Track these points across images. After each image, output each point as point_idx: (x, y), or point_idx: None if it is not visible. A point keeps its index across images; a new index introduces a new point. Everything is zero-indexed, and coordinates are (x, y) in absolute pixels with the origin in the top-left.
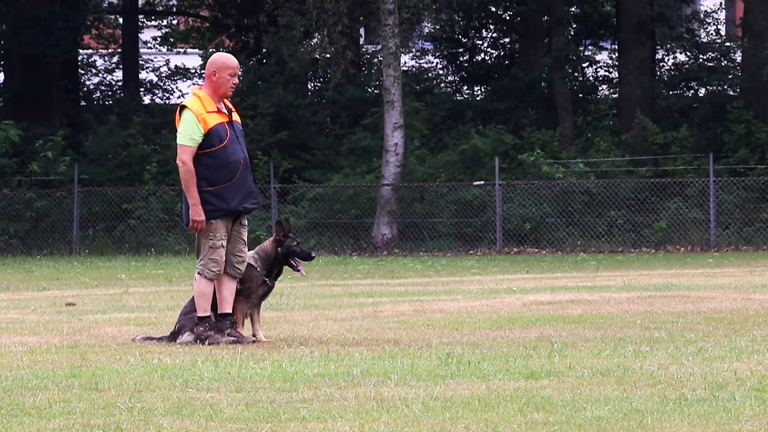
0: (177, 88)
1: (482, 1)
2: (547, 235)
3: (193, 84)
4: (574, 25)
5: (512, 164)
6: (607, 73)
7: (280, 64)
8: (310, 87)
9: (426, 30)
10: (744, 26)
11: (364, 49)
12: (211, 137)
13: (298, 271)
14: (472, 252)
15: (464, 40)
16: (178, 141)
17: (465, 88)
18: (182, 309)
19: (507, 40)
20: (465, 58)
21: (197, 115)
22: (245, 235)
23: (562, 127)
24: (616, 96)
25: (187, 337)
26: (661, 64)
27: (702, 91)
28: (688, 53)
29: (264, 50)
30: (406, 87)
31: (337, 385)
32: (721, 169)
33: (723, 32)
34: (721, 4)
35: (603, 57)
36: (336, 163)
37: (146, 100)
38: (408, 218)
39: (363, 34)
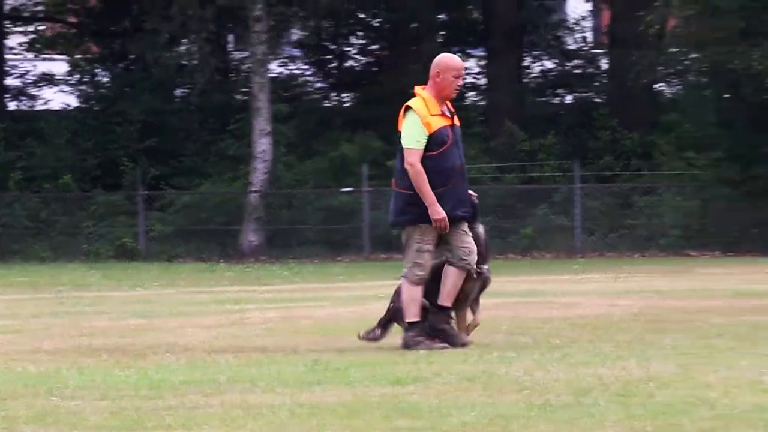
0: (43, 95)
1: (351, 8)
2: None
3: (60, 91)
4: (443, 33)
5: (381, 171)
6: (475, 80)
7: (147, 70)
8: (177, 93)
9: (294, 37)
10: (610, 34)
11: (232, 56)
12: (432, 141)
13: None
14: (339, 258)
15: (333, 47)
16: (404, 144)
17: (334, 94)
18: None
19: (376, 47)
20: (334, 65)
21: (422, 117)
22: (465, 228)
23: None
24: (484, 103)
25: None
26: (528, 71)
27: (569, 98)
28: (556, 61)
29: (131, 56)
30: (274, 94)
31: (203, 393)
32: (586, 175)
33: (590, 40)
34: (588, 12)
35: (471, 64)
36: (204, 170)
37: (12, 106)
38: (275, 225)
39: (231, 41)
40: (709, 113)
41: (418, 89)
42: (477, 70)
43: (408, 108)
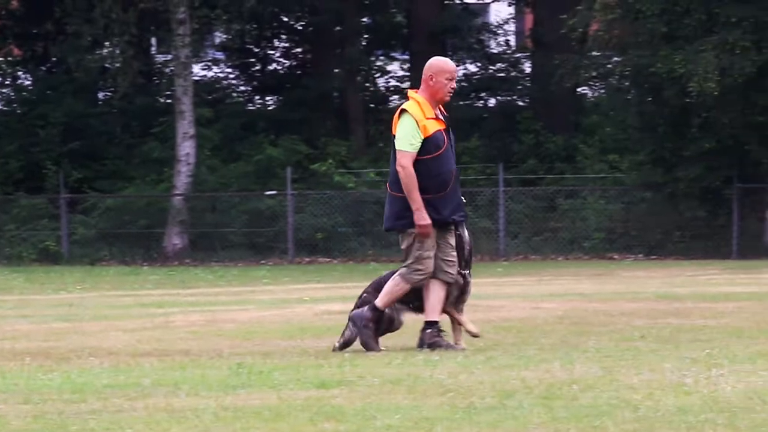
0: None
1: (274, 11)
2: (339, 245)
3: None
4: (366, 36)
5: (305, 174)
6: (399, 84)
7: (69, 73)
8: (100, 97)
9: (218, 40)
10: (533, 37)
11: (155, 59)
12: (428, 144)
13: None
14: (264, 262)
15: (256, 50)
16: (397, 146)
17: (257, 98)
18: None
19: (299, 50)
20: (257, 68)
21: (417, 120)
22: (452, 240)
23: (354, 137)
24: None
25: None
26: None
27: (492, 102)
28: (479, 64)
29: (53, 59)
30: (197, 97)
31: (127, 396)
32: (510, 178)
33: (513, 43)
34: (511, 15)
35: (395, 67)
36: (127, 173)
37: None
38: (199, 228)
39: (154, 44)
40: (631, 116)
41: (411, 93)
42: (401, 73)
43: (403, 111)
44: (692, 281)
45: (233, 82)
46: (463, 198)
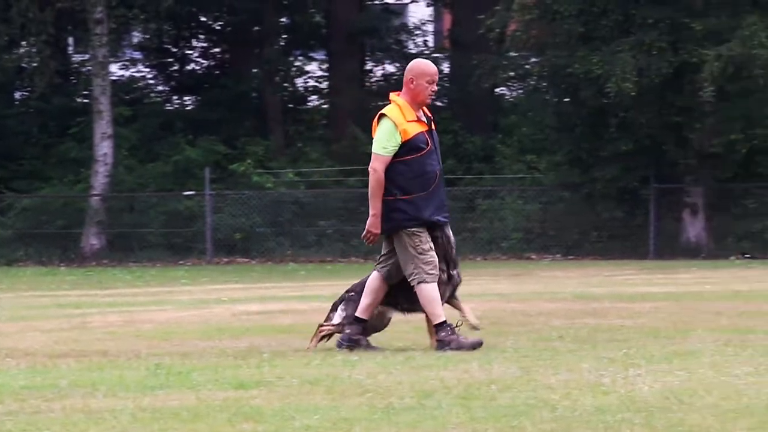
0: None
1: (192, 10)
2: (258, 245)
3: None
4: (285, 36)
5: (223, 174)
6: (317, 84)
7: None
8: (17, 96)
9: (135, 39)
10: (452, 38)
11: (72, 59)
12: (410, 146)
13: None
14: (182, 262)
15: (174, 50)
16: (373, 149)
17: (175, 98)
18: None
19: (218, 50)
20: (175, 68)
21: (397, 124)
22: (433, 237)
23: (273, 137)
24: (327, 106)
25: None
26: (370, 75)
27: None
28: (398, 64)
29: None
30: (115, 97)
31: (44, 397)
32: None
33: (431, 44)
34: (429, 16)
35: (313, 68)
36: (44, 173)
37: None
38: (117, 228)
39: (72, 43)
40: (549, 117)
41: (392, 96)
42: (319, 73)
43: (382, 116)
44: (609, 281)
45: (151, 81)
46: (446, 200)
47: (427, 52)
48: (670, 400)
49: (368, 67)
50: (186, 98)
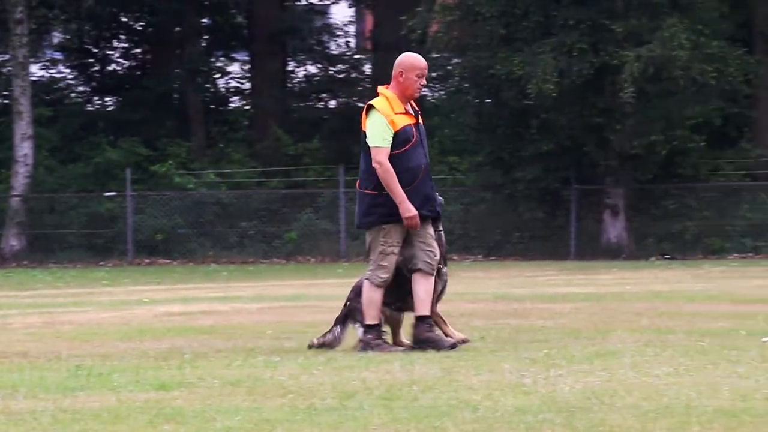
0: None
1: (113, 11)
2: (179, 246)
3: None
4: (206, 36)
5: (145, 175)
6: (239, 85)
7: None
8: None
9: (56, 40)
10: (374, 39)
11: None
12: (397, 139)
13: None
14: (103, 263)
15: (95, 51)
16: (371, 143)
17: (96, 98)
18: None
19: (139, 50)
20: (96, 68)
21: (386, 116)
22: (431, 231)
23: (195, 138)
24: (249, 107)
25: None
26: (293, 75)
27: (333, 103)
28: (320, 65)
29: None
30: (35, 97)
31: None
32: (351, 180)
33: (353, 45)
34: (351, 17)
35: (235, 68)
36: None
37: None
38: (38, 229)
39: None
40: (470, 118)
41: (381, 89)
42: (241, 74)
43: (371, 107)
44: (531, 282)
45: (72, 82)
46: (438, 196)
47: (348, 53)
48: (591, 400)
49: (290, 67)
50: (107, 99)
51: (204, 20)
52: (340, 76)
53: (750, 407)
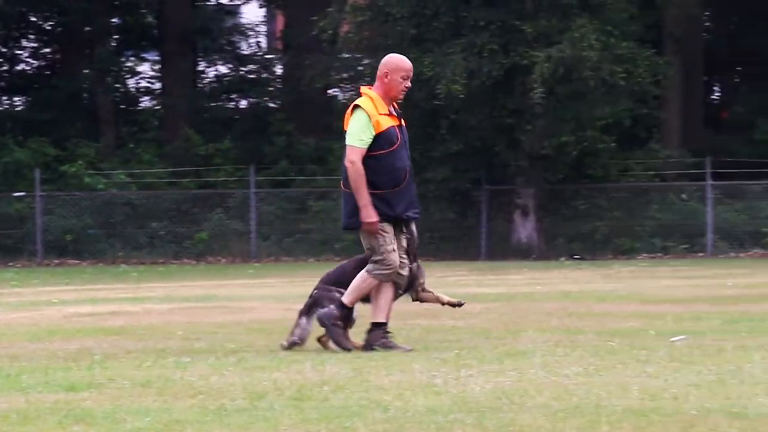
0: None
1: (22, 10)
2: (89, 247)
3: None
4: (116, 36)
5: (54, 175)
6: (150, 85)
7: None
8: None
9: None
10: (285, 39)
11: None
12: (381, 140)
13: None
14: (11, 264)
15: (4, 50)
16: (347, 141)
17: (5, 98)
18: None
19: (48, 50)
20: (5, 68)
21: (371, 116)
22: (404, 243)
23: (105, 138)
24: (159, 107)
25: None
26: (203, 75)
27: (244, 103)
28: (230, 65)
29: None
30: None
31: None
32: (262, 180)
33: (264, 45)
34: (262, 17)
35: (145, 68)
36: None
37: None
38: None
39: None
40: None
41: (364, 89)
42: (151, 74)
43: (356, 107)
44: (441, 282)
45: None
46: (416, 196)
47: (259, 53)
48: (502, 400)
49: (201, 67)
50: (16, 99)
51: (114, 20)
52: (251, 76)
53: (659, 406)
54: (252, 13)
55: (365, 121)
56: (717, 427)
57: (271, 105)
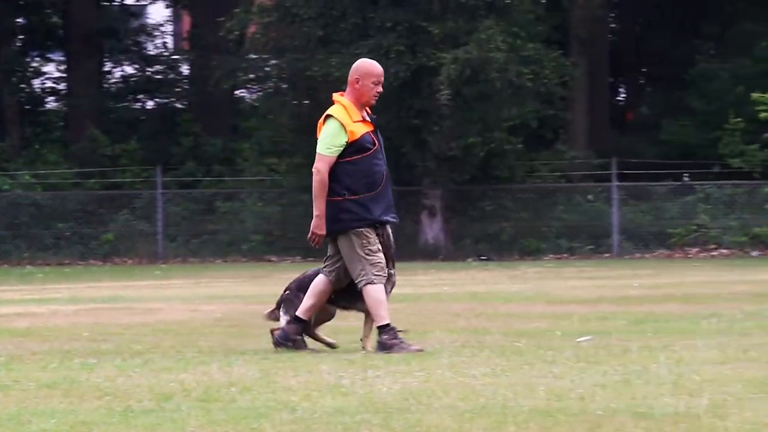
0: None
1: None
2: None
3: None
4: (22, 36)
5: None
6: (55, 85)
7: None
8: None
9: None
10: (191, 40)
11: None
12: (357, 146)
13: None
14: None
15: None
16: (318, 149)
17: None
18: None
19: None
20: None
21: (344, 125)
22: (384, 238)
23: (9, 139)
24: (65, 108)
25: (283, 315)
26: (109, 76)
27: (150, 104)
28: (137, 66)
29: None
30: None
31: None
32: (168, 181)
33: (171, 45)
34: (168, 17)
35: (51, 68)
36: None
37: None
38: None
39: None
40: (288, 119)
41: (336, 96)
42: (57, 74)
43: (329, 116)
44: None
45: None
46: (392, 200)
47: (166, 53)
48: (409, 400)
49: (107, 68)
50: None
51: (19, 20)
52: (158, 76)
53: (565, 407)
54: (158, 14)
55: (337, 130)
56: (623, 427)
57: (178, 106)
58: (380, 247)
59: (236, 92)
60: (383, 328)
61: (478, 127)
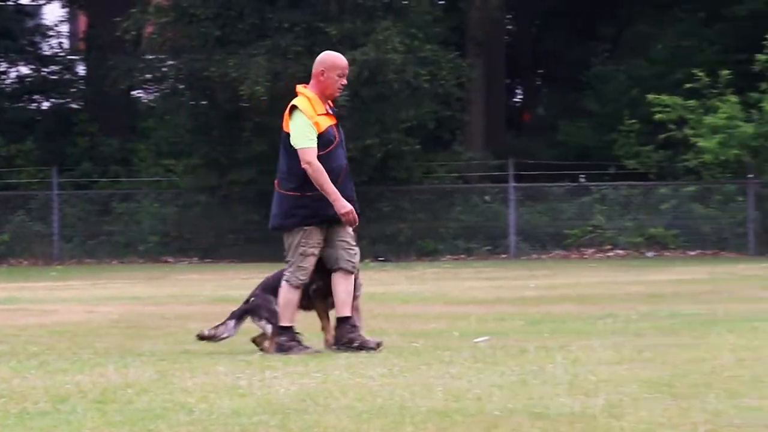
0: None
1: None
2: None
3: None
4: None
5: None
6: None
7: None
8: None
9: None
10: (87, 39)
11: None
12: (320, 140)
13: None
14: None
15: None
16: (298, 145)
17: None
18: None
19: None
20: None
21: (309, 117)
22: (351, 230)
23: None
24: None
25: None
26: (4, 76)
27: (46, 104)
28: (32, 66)
29: None
30: None
31: None
32: (65, 182)
33: (66, 45)
34: (64, 17)
35: None
36: None
37: None
38: None
39: None
40: (185, 120)
41: (300, 88)
42: None
43: (294, 108)
44: (247, 284)
45: None
46: (354, 194)
47: (62, 53)
48: (306, 402)
49: (2, 68)
50: None
51: None
52: (54, 77)
53: (462, 407)
54: (54, 13)
55: (306, 121)
56: (519, 427)
57: (74, 106)
58: (316, 253)
59: (133, 93)
60: (283, 329)
61: (376, 128)
